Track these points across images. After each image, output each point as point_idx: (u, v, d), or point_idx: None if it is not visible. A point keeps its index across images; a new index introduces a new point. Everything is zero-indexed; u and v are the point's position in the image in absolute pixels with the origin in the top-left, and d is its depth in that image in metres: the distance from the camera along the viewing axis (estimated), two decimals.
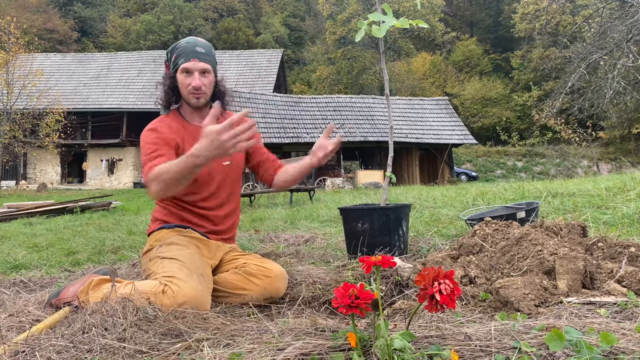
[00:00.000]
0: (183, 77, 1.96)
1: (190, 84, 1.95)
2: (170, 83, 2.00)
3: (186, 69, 1.95)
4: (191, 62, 1.94)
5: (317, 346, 1.15)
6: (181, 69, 1.95)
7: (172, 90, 2.01)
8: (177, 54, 1.97)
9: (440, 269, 1.09)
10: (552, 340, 1.01)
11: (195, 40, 2.00)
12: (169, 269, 1.74)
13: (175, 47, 2.01)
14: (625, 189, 4.12)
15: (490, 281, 1.78)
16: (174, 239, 1.93)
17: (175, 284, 1.64)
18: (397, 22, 2.35)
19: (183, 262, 1.77)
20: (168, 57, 2.03)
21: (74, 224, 6.86)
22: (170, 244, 1.90)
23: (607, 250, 1.85)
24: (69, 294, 1.92)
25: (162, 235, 1.98)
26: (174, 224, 2.01)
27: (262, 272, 1.89)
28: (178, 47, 1.99)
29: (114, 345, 1.33)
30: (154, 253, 1.90)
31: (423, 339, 1.17)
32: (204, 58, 1.96)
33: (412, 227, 3.42)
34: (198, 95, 1.97)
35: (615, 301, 1.45)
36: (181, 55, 1.96)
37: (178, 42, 2.03)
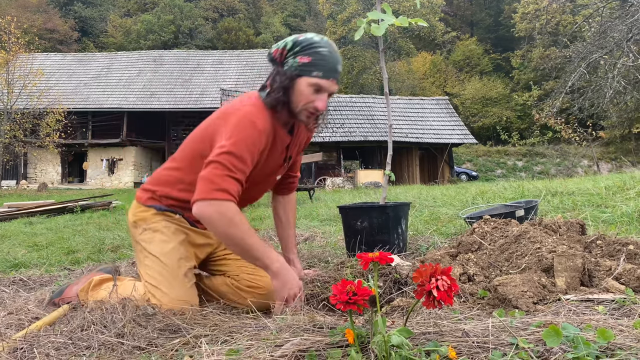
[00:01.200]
0: (309, 91, 1.65)
1: (314, 102, 1.66)
2: (288, 84, 1.66)
3: (320, 86, 1.65)
4: (329, 82, 1.66)
5: (314, 343, 1.15)
6: (312, 82, 1.64)
7: (287, 91, 1.67)
8: (314, 61, 1.63)
9: (438, 266, 1.09)
10: (549, 337, 1.01)
11: (336, 52, 1.69)
12: (152, 276, 1.71)
13: (311, 48, 1.65)
14: (625, 187, 4.12)
15: (488, 279, 1.78)
16: (159, 226, 1.79)
17: (158, 298, 1.66)
18: (397, 20, 2.35)
19: (165, 265, 1.72)
20: (292, 48, 1.66)
21: (74, 223, 6.87)
22: (155, 231, 1.78)
23: (606, 248, 1.85)
24: (72, 293, 1.94)
25: (148, 215, 1.82)
26: (164, 207, 1.81)
27: (253, 288, 1.82)
28: (316, 52, 1.64)
29: (113, 342, 1.34)
30: (137, 236, 1.82)
31: (421, 335, 1.17)
32: (339, 80, 1.70)
33: (412, 225, 3.43)
34: (313, 116, 1.72)
35: (613, 298, 1.45)
36: (319, 65, 1.63)
37: (314, 42, 1.66)
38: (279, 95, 1.66)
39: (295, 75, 1.64)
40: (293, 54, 1.65)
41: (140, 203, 1.88)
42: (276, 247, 3.16)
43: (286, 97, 1.67)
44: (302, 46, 1.64)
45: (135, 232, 1.85)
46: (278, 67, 1.70)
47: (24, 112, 21.53)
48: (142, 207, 1.86)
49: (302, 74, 1.64)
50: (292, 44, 1.66)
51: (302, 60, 1.63)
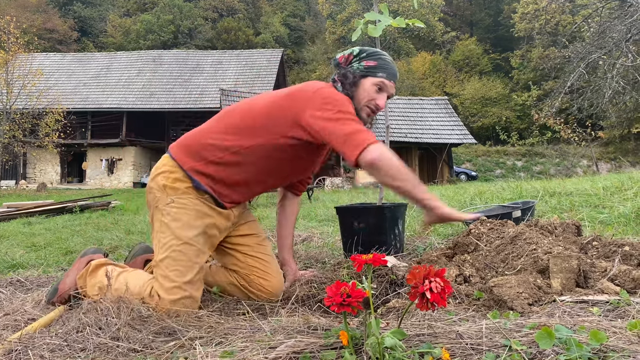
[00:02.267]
0: (373, 89, 1.83)
1: (375, 100, 1.84)
2: (355, 81, 1.84)
3: (384, 85, 1.84)
4: (391, 83, 1.86)
5: (309, 344, 1.15)
6: (377, 81, 1.83)
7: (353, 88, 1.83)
8: (379, 64, 1.84)
9: (432, 267, 1.09)
10: (542, 339, 1.02)
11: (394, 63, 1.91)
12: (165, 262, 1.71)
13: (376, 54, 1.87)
14: (623, 188, 4.12)
15: (484, 280, 1.79)
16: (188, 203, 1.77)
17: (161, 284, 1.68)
18: (394, 21, 2.35)
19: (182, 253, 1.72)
20: (359, 54, 1.87)
21: (72, 223, 6.86)
22: (180, 207, 1.76)
23: (602, 249, 1.86)
24: (68, 285, 1.93)
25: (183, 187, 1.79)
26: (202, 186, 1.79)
27: (262, 292, 1.91)
28: (381, 58, 1.86)
29: (108, 344, 1.34)
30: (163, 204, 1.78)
31: (415, 337, 1.17)
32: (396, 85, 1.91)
33: (409, 226, 3.43)
34: (373, 114, 1.88)
35: (608, 300, 1.45)
36: (384, 68, 1.85)
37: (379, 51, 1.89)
38: (350, 87, 1.83)
39: (361, 76, 1.84)
40: (359, 59, 1.87)
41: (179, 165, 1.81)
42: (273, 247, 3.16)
43: (352, 93, 1.83)
44: (368, 53, 1.88)
45: (161, 197, 1.79)
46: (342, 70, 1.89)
47: (23, 112, 21.52)
48: (179, 172, 1.80)
49: (368, 74, 1.84)
50: (358, 51, 1.89)
51: (369, 64, 1.85)
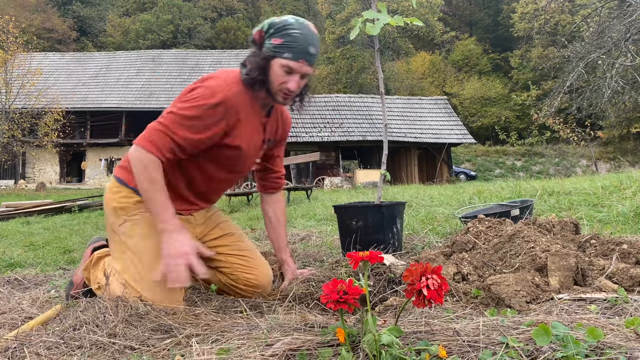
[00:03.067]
0: (281, 72, 1.69)
1: (286, 83, 1.71)
2: (264, 64, 1.70)
3: (290, 68, 1.69)
4: (298, 64, 1.69)
5: (305, 342, 1.15)
6: (283, 64, 1.68)
7: (264, 71, 1.71)
8: (285, 42, 1.67)
9: (428, 265, 1.09)
10: (539, 335, 1.01)
11: (310, 33, 1.71)
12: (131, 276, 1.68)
13: (283, 29, 1.68)
14: (622, 187, 4.12)
15: (482, 278, 1.78)
16: (139, 219, 1.76)
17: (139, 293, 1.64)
18: (392, 20, 2.35)
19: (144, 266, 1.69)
20: (268, 30, 1.71)
21: (71, 222, 6.86)
22: (134, 224, 1.75)
23: (600, 247, 1.86)
24: (79, 277, 1.97)
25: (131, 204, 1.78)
26: None
27: (250, 287, 1.90)
28: (288, 34, 1.68)
29: (104, 341, 1.33)
30: (117, 226, 1.77)
31: (412, 334, 1.17)
32: (312, 61, 1.73)
33: (408, 225, 3.43)
34: (288, 97, 1.76)
35: (606, 297, 1.45)
36: (289, 47, 1.67)
37: (288, 24, 1.70)
38: (255, 75, 1.71)
39: (269, 57, 1.69)
40: (269, 36, 1.71)
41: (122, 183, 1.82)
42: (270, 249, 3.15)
43: (263, 77, 1.71)
44: (276, 28, 1.69)
45: (114, 220, 1.79)
46: (257, 49, 1.74)
47: (22, 112, 21.53)
48: (124, 189, 1.81)
49: (275, 55, 1.68)
50: (268, 26, 1.72)
51: (275, 42, 1.68)
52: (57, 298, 2.10)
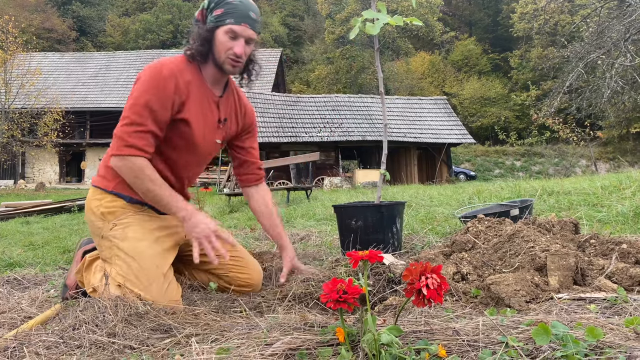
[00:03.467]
0: (226, 38, 1.74)
1: (232, 49, 1.75)
2: (208, 36, 1.76)
3: (234, 32, 1.74)
4: (241, 27, 1.74)
5: (305, 341, 1.15)
6: (227, 29, 1.73)
7: (209, 43, 1.77)
8: (225, 10, 1.74)
9: (428, 264, 1.09)
10: (538, 335, 1.01)
11: (248, 2, 1.79)
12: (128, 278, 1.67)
13: (222, 1, 1.76)
14: (621, 187, 4.12)
15: (482, 277, 1.78)
16: (130, 221, 1.78)
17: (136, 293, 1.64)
18: (391, 19, 2.35)
19: (141, 268, 1.69)
20: (208, 6, 1.78)
21: (70, 222, 6.86)
22: (125, 227, 1.77)
23: (599, 247, 1.86)
24: (72, 280, 1.97)
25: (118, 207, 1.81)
26: (134, 199, 1.82)
27: (243, 287, 1.93)
28: (227, 3, 1.75)
29: (104, 341, 1.33)
30: (107, 231, 1.78)
31: (411, 333, 1.17)
32: (253, 25, 1.78)
33: (407, 225, 3.43)
34: (236, 63, 1.78)
35: (605, 297, 1.45)
36: (230, 13, 1.74)
37: None
38: (198, 46, 1.77)
39: (213, 28, 1.75)
40: (209, 10, 1.78)
41: (104, 190, 1.83)
42: (272, 246, 3.15)
43: (207, 49, 1.77)
44: (216, 2, 1.76)
45: (103, 226, 1.79)
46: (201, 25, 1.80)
47: (22, 112, 21.52)
48: (108, 195, 1.82)
49: (218, 24, 1.75)
50: (207, 2, 1.78)
51: (217, 13, 1.75)
52: (56, 298, 2.10)
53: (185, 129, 1.79)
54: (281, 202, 7.76)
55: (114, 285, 1.69)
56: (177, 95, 1.72)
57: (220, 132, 1.94)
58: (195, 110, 1.79)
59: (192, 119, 1.78)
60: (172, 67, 1.73)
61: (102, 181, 1.86)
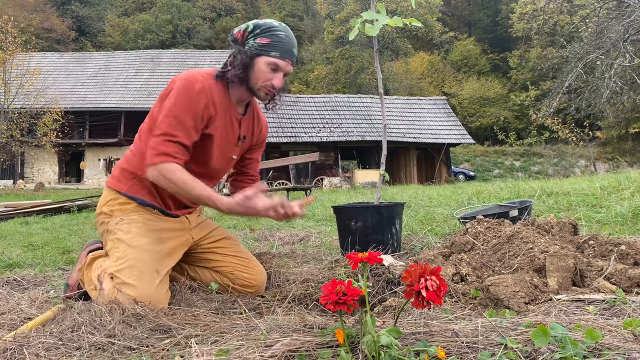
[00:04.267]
0: (267, 69, 1.78)
1: (271, 81, 1.80)
2: (248, 62, 1.79)
3: (277, 65, 1.78)
4: (285, 62, 1.79)
5: (304, 343, 1.15)
6: (270, 62, 1.77)
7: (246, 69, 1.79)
8: (272, 42, 1.76)
9: (427, 266, 1.09)
10: (537, 337, 1.02)
11: (292, 36, 1.83)
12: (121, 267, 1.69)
13: (270, 31, 1.78)
14: (620, 187, 4.13)
15: (481, 279, 1.78)
16: (137, 218, 1.83)
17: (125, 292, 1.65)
18: (391, 21, 2.35)
19: (137, 259, 1.72)
20: (253, 30, 1.79)
21: (70, 223, 6.85)
22: (130, 222, 1.81)
23: (598, 248, 1.86)
24: (74, 279, 1.98)
25: (130, 208, 1.86)
26: (146, 202, 1.87)
27: (247, 287, 1.94)
28: (275, 34, 1.77)
29: (103, 342, 1.33)
30: (113, 225, 1.82)
31: (410, 335, 1.17)
32: (294, 61, 1.85)
33: (407, 225, 3.43)
34: (271, 93, 1.85)
35: (604, 298, 1.46)
36: (277, 47, 1.77)
37: (274, 26, 1.80)
38: (239, 72, 1.79)
39: (255, 55, 1.78)
40: (253, 35, 1.78)
41: (117, 191, 1.88)
42: (272, 246, 3.16)
43: (245, 75, 1.80)
44: (262, 29, 1.78)
45: (110, 221, 1.84)
46: (240, 47, 1.82)
47: (21, 112, 21.50)
48: (121, 197, 1.87)
49: (262, 53, 1.77)
50: (253, 27, 1.80)
51: (262, 41, 1.77)
52: (56, 298, 2.10)
53: (208, 143, 1.84)
54: None
55: (107, 277, 1.71)
56: (206, 111, 1.77)
57: (238, 149, 2.00)
58: (220, 127, 1.85)
59: (217, 135, 1.84)
60: (205, 84, 1.77)
61: (116, 183, 1.90)
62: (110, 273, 1.71)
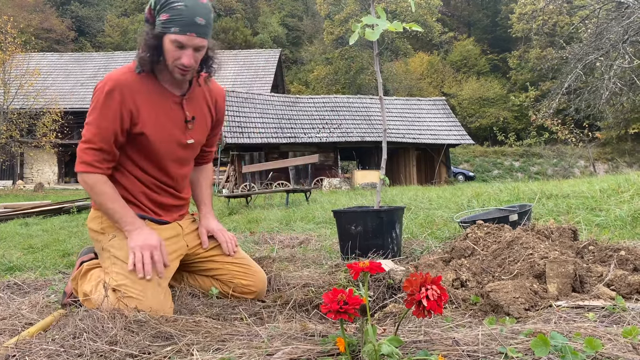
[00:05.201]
0: (172, 47, 1.66)
1: (179, 59, 1.67)
2: (155, 43, 1.68)
3: (179, 42, 1.64)
4: (186, 37, 1.64)
5: (306, 351, 1.16)
6: (172, 39, 1.64)
7: (156, 50, 1.70)
8: (170, 17, 1.62)
9: (428, 275, 1.10)
10: (537, 346, 1.02)
11: (196, 3, 1.64)
12: (122, 284, 1.68)
13: (167, 4, 1.63)
14: (620, 190, 4.13)
15: (481, 284, 1.79)
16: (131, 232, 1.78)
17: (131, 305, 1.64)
18: (391, 25, 2.36)
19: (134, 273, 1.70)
20: (155, 6, 1.67)
21: (69, 224, 6.85)
22: (122, 239, 1.77)
23: (598, 253, 1.87)
24: (69, 288, 1.98)
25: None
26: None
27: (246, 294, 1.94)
28: (172, 7, 1.62)
29: (105, 349, 1.34)
30: (106, 242, 1.80)
31: (411, 344, 1.17)
32: (202, 32, 1.66)
33: (407, 228, 3.43)
34: (185, 72, 1.71)
35: (604, 305, 1.46)
36: (175, 21, 1.62)
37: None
38: (145, 55, 1.70)
39: (160, 34, 1.67)
40: (157, 12, 1.67)
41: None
42: (272, 250, 3.16)
43: (155, 57, 1.71)
44: (162, 4, 1.65)
45: (102, 238, 1.82)
46: (150, 27, 1.72)
47: (20, 112, 21.49)
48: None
49: (164, 31, 1.66)
50: (154, 2, 1.67)
51: (163, 17, 1.65)
52: (57, 303, 2.10)
53: (144, 141, 1.78)
54: (281, 205, 7.76)
55: (110, 289, 1.69)
56: (124, 108, 1.71)
57: (191, 132, 1.87)
58: (151, 118, 1.76)
59: (149, 131, 1.76)
60: (117, 80, 1.71)
61: None
62: (113, 287, 1.70)
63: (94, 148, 1.73)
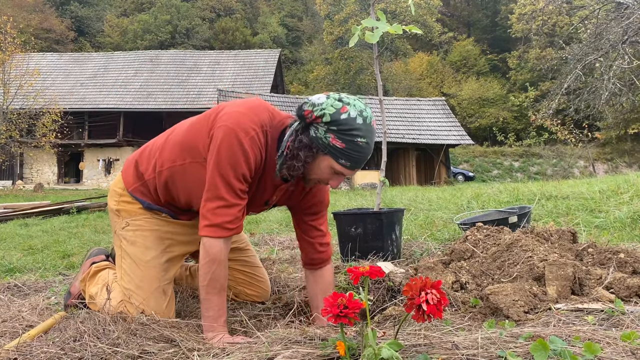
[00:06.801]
0: (329, 172, 1.52)
1: (328, 180, 1.58)
2: (310, 156, 1.51)
3: (341, 173, 1.53)
4: (351, 172, 1.54)
5: (306, 355, 1.16)
6: (337, 169, 1.50)
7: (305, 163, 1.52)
8: (347, 149, 1.46)
9: (428, 279, 1.10)
10: (536, 350, 1.03)
11: (372, 139, 1.51)
12: (128, 284, 1.69)
13: (349, 133, 1.45)
14: (619, 191, 4.14)
15: (480, 287, 1.80)
16: (142, 224, 1.76)
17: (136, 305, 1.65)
18: (391, 28, 2.36)
19: (143, 277, 1.69)
20: (328, 124, 1.45)
21: (69, 225, 6.85)
22: (136, 230, 1.74)
23: (597, 256, 1.87)
24: (77, 288, 1.99)
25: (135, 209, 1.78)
26: (153, 205, 1.77)
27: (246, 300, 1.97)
28: (354, 142, 1.45)
29: (106, 352, 1.34)
30: (120, 229, 1.78)
31: (411, 347, 1.18)
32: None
33: (406, 230, 3.44)
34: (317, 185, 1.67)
35: (603, 308, 1.47)
36: (349, 156, 1.47)
37: (356, 127, 1.45)
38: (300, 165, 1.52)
39: (320, 151, 1.50)
40: (326, 127, 1.47)
41: (127, 190, 1.79)
42: (272, 251, 3.16)
43: (303, 167, 1.53)
44: (339, 128, 1.45)
45: (117, 221, 1.80)
46: (303, 125, 1.51)
47: (20, 113, 21.47)
48: (127, 195, 1.79)
49: (329, 155, 1.49)
50: (330, 118, 1.45)
51: (335, 142, 1.46)
52: (57, 305, 2.11)
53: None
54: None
55: (117, 290, 1.71)
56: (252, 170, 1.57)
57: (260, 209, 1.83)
58: (254, 187, 1.65)
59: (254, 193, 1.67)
60: (255, 139, 1.53)
61: (126, 176, 1.82)
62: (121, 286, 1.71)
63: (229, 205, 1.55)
